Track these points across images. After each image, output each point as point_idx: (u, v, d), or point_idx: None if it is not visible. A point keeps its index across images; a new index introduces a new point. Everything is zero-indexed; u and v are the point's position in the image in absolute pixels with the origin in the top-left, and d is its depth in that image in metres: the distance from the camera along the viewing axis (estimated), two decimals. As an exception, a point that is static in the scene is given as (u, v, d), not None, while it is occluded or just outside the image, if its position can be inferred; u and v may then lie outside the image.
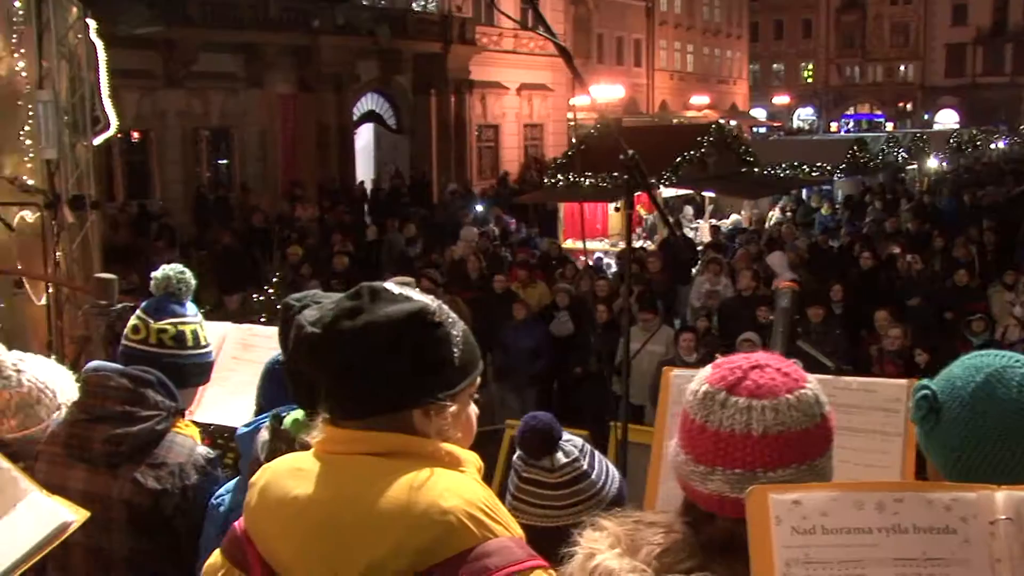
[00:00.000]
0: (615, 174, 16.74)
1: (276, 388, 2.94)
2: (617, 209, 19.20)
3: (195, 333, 3.45)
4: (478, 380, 2.04)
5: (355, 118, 30.69)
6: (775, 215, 22.40)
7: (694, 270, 14.79)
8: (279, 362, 2.92)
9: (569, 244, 18.84)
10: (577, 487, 2.69)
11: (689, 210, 22.57)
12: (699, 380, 1.80)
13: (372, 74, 30.79)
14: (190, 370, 3.43)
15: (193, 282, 3.54)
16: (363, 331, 1.86)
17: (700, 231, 20.50)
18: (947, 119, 70.23)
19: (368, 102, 31.94)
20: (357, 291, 1.96)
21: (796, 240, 16.50)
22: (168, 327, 3.37)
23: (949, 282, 13.19)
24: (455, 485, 1.84)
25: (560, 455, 2.70)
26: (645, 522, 1.80)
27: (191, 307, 3.51)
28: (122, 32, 12.76)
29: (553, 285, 12.79)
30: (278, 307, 2.53)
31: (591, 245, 18.67)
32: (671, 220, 20.20)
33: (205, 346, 3.51)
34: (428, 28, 31.69)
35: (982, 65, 72.52)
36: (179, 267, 3.52)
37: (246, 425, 2.90)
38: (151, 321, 3.37)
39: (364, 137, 32.64)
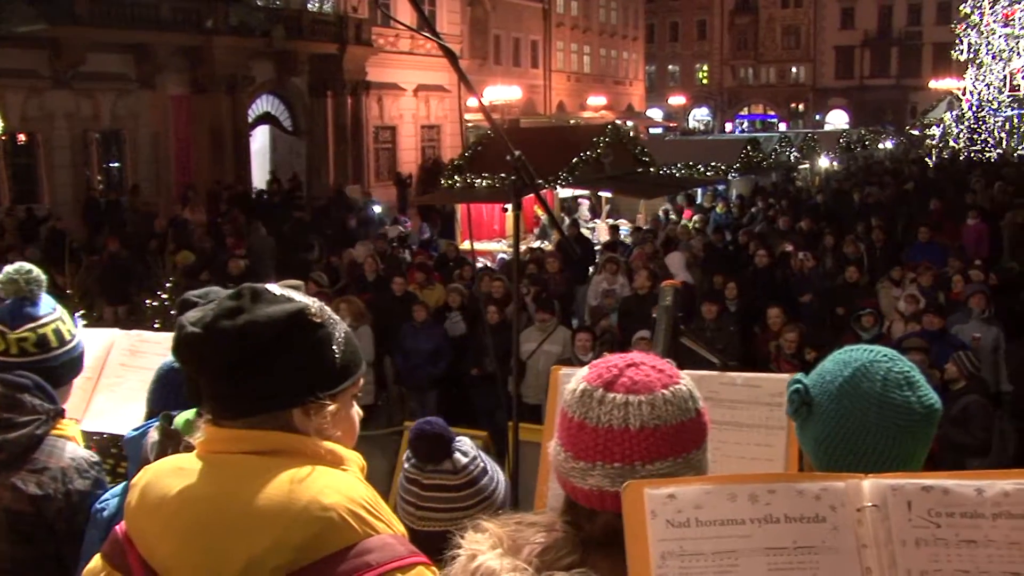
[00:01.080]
0: (503, 175, 16.82)
1: (168, 392, 2.90)
2: (505, 210, 19.27)
3: (57, 332, 3.32)
4: (361, 381, 2.05)
5: (250, 120, 30.19)
6: (672, 215, 22.70)
7: (591, 270, 14.92)
8: (173, 367, 2.88)
9: (466, 245, 18.87)
10: (479, 485, 2.73)
11: (584, 210, 22.73)
12: (577, 379, 1.84)
13: (267, 75, 30.33)
14: (61, 370, 3.32)
15: (43, 277, 3.37)
16: (243, 331, 1.86)
17: (597, 231, 20.65)
18: (837, 119, 71.91)
19: (263, 104, 31.44)
20: (238, 291, 1.96)
21: (691, 240, 16.72)
22: (28, 334, 3.24)
23: (840, 279, 13.47)
24: (337, 482, 1.85)
25: (459, 456, 2.72)
26: (526, 522, 1.83)
27: (46, 303, 3.35)
28: (3, 31, 12.40)
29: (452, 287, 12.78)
30: (172, 312, 2.50)
31: (490, 246, 18.72)
32: (567, 220, 20.46)
33: (71, 340, 3.37)
34: (324, 29, 31.31)
35: (869, 67, 74.49)
36: (24, 266, 3.35)
37: (135, 429, 2.86)
38: (8, 331, 3.23)
39: (260, 139, 32.14)
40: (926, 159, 38.37)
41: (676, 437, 1.75)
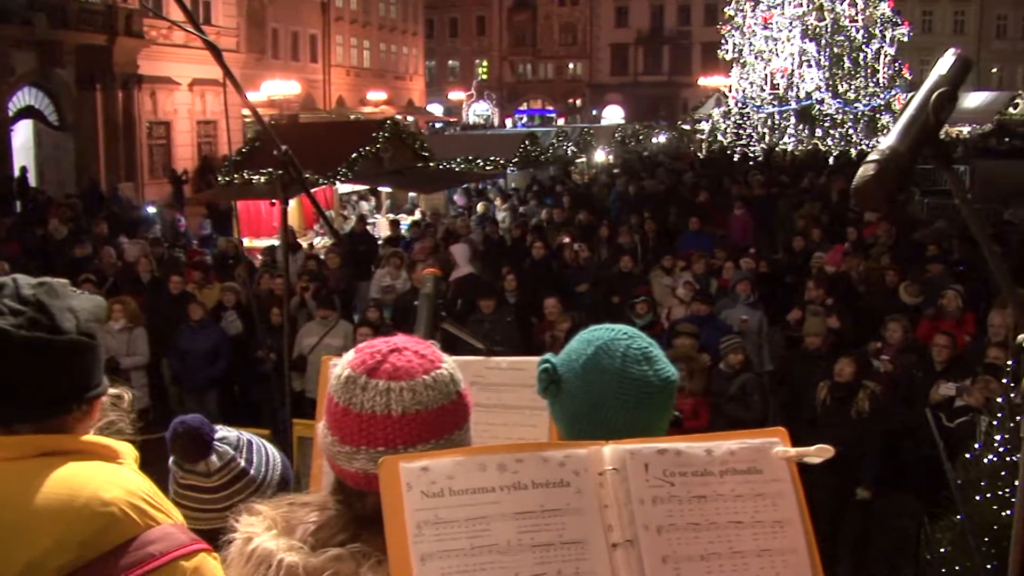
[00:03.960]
0: (270, 170, 16.60)
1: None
2: (273, 203, 18.99)
3: None
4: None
5: (10, 114, 28.54)
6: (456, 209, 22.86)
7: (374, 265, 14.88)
8: None
9: (247, 243, 18.55)
10: (236, 487, 2.71)
11: (365, 205, 22.66)
12: (342, 365, 1.88)
13: (29, 66, 28.65)
14: None
15: None
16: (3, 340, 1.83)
17: (378, 226, 20.63)
18: (613, 115, 73.93)
19: (25, 97, 29.73)
20: None
21: (471, 233, 16.89)
22: None
23: (615, 268, 13.82)
24: (115, 477, 1.84)
25: (214, 458, 2.69)
26: (299, 503, 1.87)
27: None
28: None
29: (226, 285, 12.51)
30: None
31: (268, 243, 18.44)
32: (351, 215, 20.35)
33: None
34: (91, 19, 29.80)
35: (643, 65, 77.11)
36: None
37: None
38: None
39: (22, 134, 30.35)
40: (697, 153, 40.01)
41: (437, 420, 1.82)
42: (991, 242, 1.94)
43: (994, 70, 71.59)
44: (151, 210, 23.22)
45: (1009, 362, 6.70)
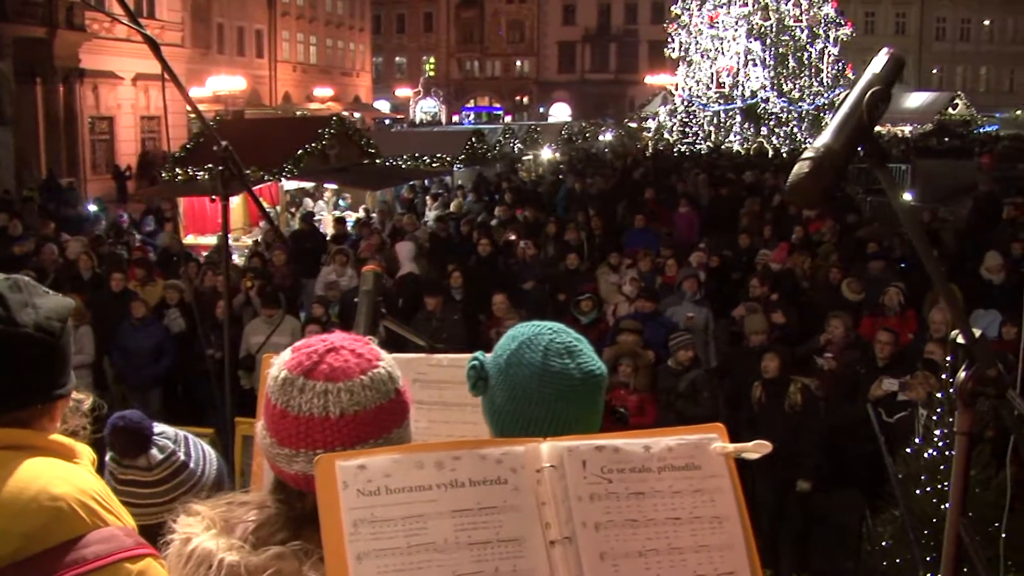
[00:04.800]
0: (207, 165, 16.46)
1: None
2: (213, 200, 18.83)
3: None
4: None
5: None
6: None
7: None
8: None
9: (191, 240, 18.38)
10: (177, 480, 2.71)
11: (309, 202, 22.51)
12: (279, 366, 1.86)
13: (-36, 58, 28.32)
14: None
15: None
16: None
17: (324, 223, 20.50)
18: (560, 112, 74.20)
19: (-39, 90, 29.30)
20: None
21: (417, 231, 16.83)
22: None
23: (561, 266, 13.85)
24: (68, 474, 1.85)
25: (155, 451, 2.69)
26: (238, 502, 1.86)
27: None
28: None
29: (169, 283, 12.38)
30: None
31: (214, 240, 18.27)
32: (297, 213, 20.22)
33: None
34: (30, 10, 29.34)
35: (590, 62, 77.41)
36: None
37: None
38: None
39: (-41, 129, 29.92)
40: (645, 151, 40.23)
41: (376, 420, 1.81)
42: (924, 239, 1.97)
43: (934, 71, 72.89)
44: (92, 208, 22.87)
45: (948, 358, 6.81)
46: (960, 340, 1.92)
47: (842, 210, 17.71)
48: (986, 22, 74.84)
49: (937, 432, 6.41)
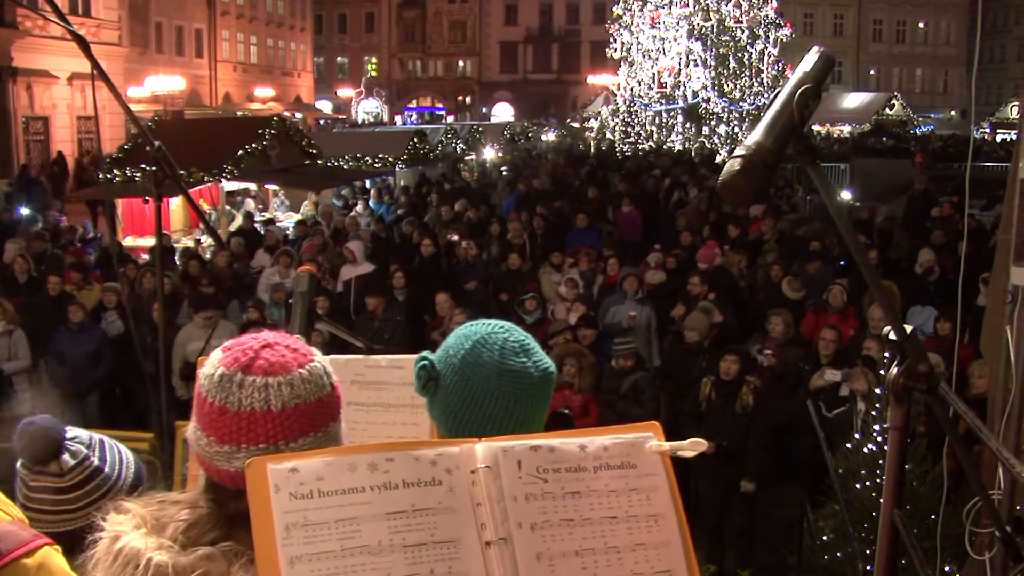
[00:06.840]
0: (144, 166, 16.24)
1: None
2: (147, 202, 18.62)
3: None
4: None
5: None
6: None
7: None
8: None
9: (129, 242, 18.14)
10: (90, 486, 2.66)
11: (251, 203, 22.32)
12: (212, 364, 1.85)
13: None
14: None
15: None
16: None
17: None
18: (503, 112, 74.21)
19: None
20: None
21: (359, 231, 16.74)
22: None
23: (504, 266, 13.86)
24: None
25: (67, 457, 2.64)
26: (170, 501, 1.84)
27: None
28: None
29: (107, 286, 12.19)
30: None
31: (152, 242, 18.03)
32: (238, 213, 20.04)
33: None
34: (-42, 8, 28.88)
35: (532, 62, 77.58)
36: None
37: None
38: None
39: None
40: (589, 151, 40.36)
41: (315, 413, 1.81)
42: (856, 237, 1.99)
43: (872, 72, 73.95)
44: (24, 211, 22.39)
45: (886, 354, 6.90)
46: (892, 336, 1.95)
47: (782, 209, 17.88)
48: (921, 24, 76.13)
49: (876, 427, 6.50)
